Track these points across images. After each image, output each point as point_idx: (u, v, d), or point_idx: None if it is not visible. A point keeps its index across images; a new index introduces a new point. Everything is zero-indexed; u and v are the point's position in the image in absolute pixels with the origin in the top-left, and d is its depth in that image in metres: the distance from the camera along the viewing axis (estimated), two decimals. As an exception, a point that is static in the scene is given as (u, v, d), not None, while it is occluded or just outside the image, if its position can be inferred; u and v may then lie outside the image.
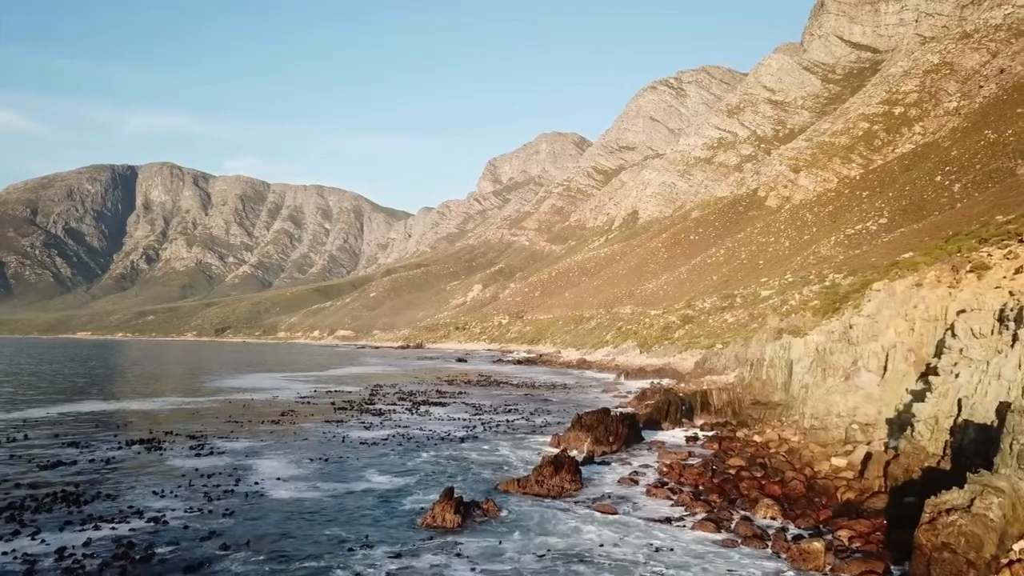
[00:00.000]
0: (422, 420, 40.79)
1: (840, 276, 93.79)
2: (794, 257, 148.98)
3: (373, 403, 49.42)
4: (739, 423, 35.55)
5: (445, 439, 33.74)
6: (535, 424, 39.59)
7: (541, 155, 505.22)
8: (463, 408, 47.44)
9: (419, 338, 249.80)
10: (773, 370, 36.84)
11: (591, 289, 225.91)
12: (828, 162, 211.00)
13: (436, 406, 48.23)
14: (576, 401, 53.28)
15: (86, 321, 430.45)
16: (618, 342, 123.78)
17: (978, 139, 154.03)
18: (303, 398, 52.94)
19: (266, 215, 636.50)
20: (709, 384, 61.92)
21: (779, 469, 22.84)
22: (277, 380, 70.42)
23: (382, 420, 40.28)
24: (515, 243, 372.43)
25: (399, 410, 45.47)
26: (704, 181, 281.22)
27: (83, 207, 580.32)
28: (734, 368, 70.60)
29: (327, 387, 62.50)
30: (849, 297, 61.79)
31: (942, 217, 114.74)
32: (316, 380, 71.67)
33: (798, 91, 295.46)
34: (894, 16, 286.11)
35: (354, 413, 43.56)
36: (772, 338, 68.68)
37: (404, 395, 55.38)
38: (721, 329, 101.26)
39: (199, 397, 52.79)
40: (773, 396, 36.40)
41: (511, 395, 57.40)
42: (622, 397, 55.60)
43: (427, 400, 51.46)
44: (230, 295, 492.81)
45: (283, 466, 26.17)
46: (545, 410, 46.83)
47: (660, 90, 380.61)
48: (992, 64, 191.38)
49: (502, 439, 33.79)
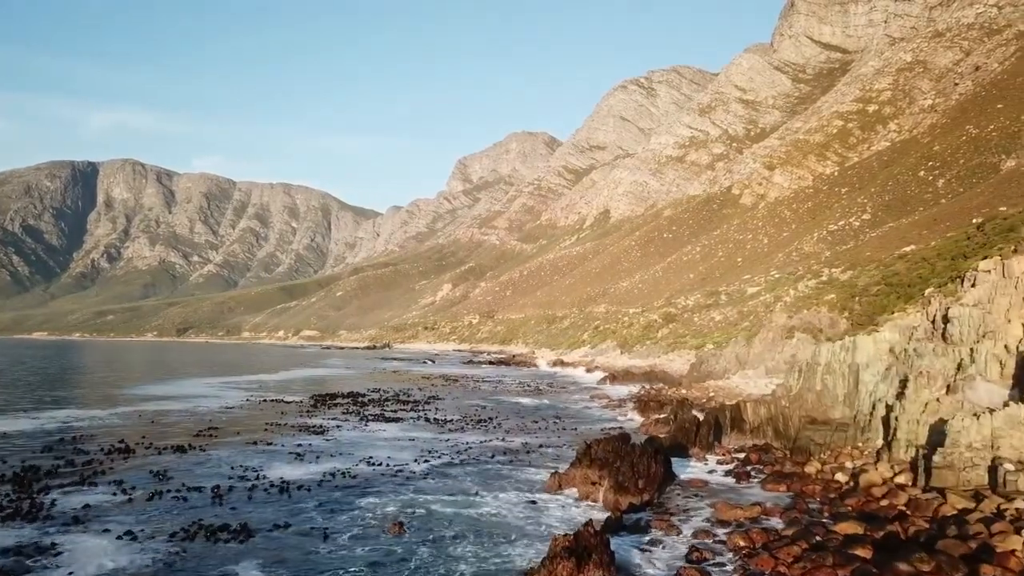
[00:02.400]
0: (373, 442, 30.87)
1: (837, 270, 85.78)
2: (775, 254, 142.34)
3: (315, 417, 39.33)
4: (793, 448, 26.21)
5: (399, 475, 23.91)
6: (518, 449, 29.88)
7: (511, 155, 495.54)
8: (426, 424, 37.59)
9: (386, 338, 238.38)
10: (831, 378, 27.63)
11: (563, 288, 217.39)
12: (803, 160, 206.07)
13: (393, 422, 38.30)
14: (561, 411, 43.76)
15: (42, 321, 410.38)
16: (596, 342, 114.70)
17: (960, 134, 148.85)
18: (232, 409, 42.61)
19: (232, 213, 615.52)
20: (715, 390, 52.73)
21: (949, 555, 13.37)
22: (212, 386, 59.57)
23: (321, 443, 30.26)
24: (485, 242, 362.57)
25: (346, 427, 35.43)
26: (676, 180, 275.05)
27: (42, 204, 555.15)
28: (735, 370, 61.53)
29: (268, 395, 52.05)
30: (869, 289, 53.24)
31: (938, 210, 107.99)
32: (259, 386, 61.02)
33: (769, 90, 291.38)
34: (863, 17, 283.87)
35: (289, 431, 33.52)
36: (782, 336, 59.90)
37: (356, 405, 45.29)
38: (708, 328, 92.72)
39: (104, 410, 42.05)
40: (832, 412, 27.20)
41: (484, 404, 47.59)
42: (616, 407, 46.18)
43: (383, 413, 41.39)
44: (194, 295, 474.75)
45: (110, 556, 15.40)
46: (527, 426, 37.14)
47: (631, 90, 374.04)
48: (966, 62, 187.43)
49: (477, 476, 24.07)
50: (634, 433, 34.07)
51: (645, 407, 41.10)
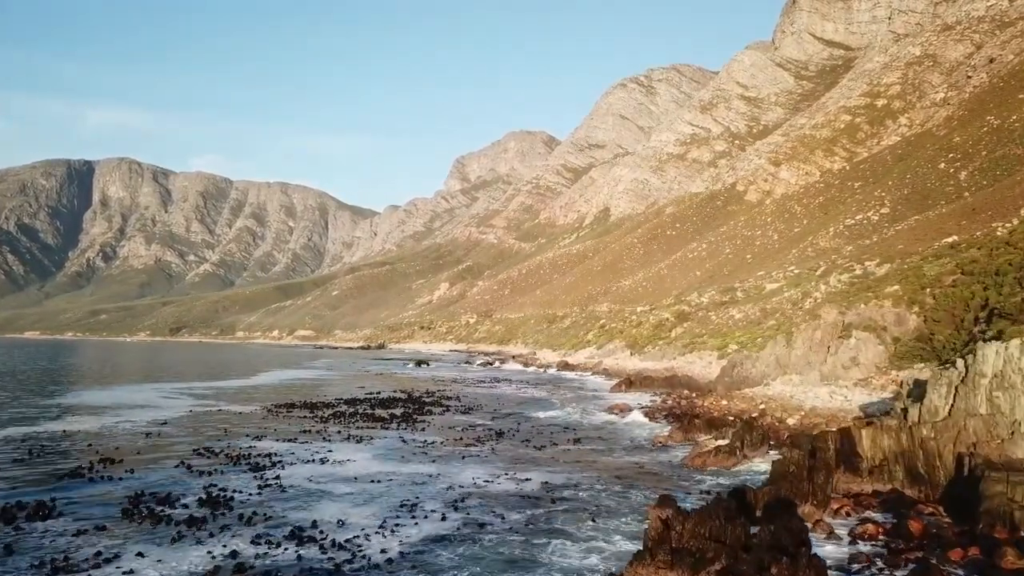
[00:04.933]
0: (327, 484, 21.18)
1: (872, 264, 76.39)
2: (788, 250, 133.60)
3: (264, 436, 29.63)
4: (979, 512, 16.72)
5: (349, 571, 14.12)
6: (537, 496, 20.18)
7: (509, 154, 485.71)
8: (408, 448, 27.93)
9: (381, 338, 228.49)
10: (1007, 396, 18.23)
11: (564, 287, 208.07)
12: (810, 155, 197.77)
13: (365, 443, 28.67)
14: (578, 427, 34.12)
15: (35, 320, 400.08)
16: (602, 342, 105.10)
17: (980, 125, 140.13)
18: (162, 426, 32.89)
19: (228, 212, 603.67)
20: (763, 401, 42.95)
21: None
22: (164, 393, 49.74)
23: (249, 488, 20.57)
24: (483, 241, 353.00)
25: (299, 455, 25.67)
26: (678, 177, 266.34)
27: (37, 203, 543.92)
28: (775, 375, 51.70)
29: (221, 404, 42.26)
30: (942, 280, 43.84)
31: (974, 200, 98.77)
32: (217, 393, 51.24)
33: (771, 87, 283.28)
34: (867, 13, 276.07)
35: (216, 462, 23.85)
36: (833, 335, 50.38)
37: (322, 421, 35.56)
38: (728, 327, 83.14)
39: (2, 428, 32.32)
40: (1015, 448, 17.77)
41: (482, 418, 37.85)
42: (648, 419, 36.59)
43: (353, 433, 31.64)
44: (190, 294, 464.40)
45: None
46: (541, 452, 27.48)
47: (630, 88, 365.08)
48: (979, 55, 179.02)
49: (483, 567, 14.34)
50: (682, 469, 24.50)
51: (688, 426, 31.43)
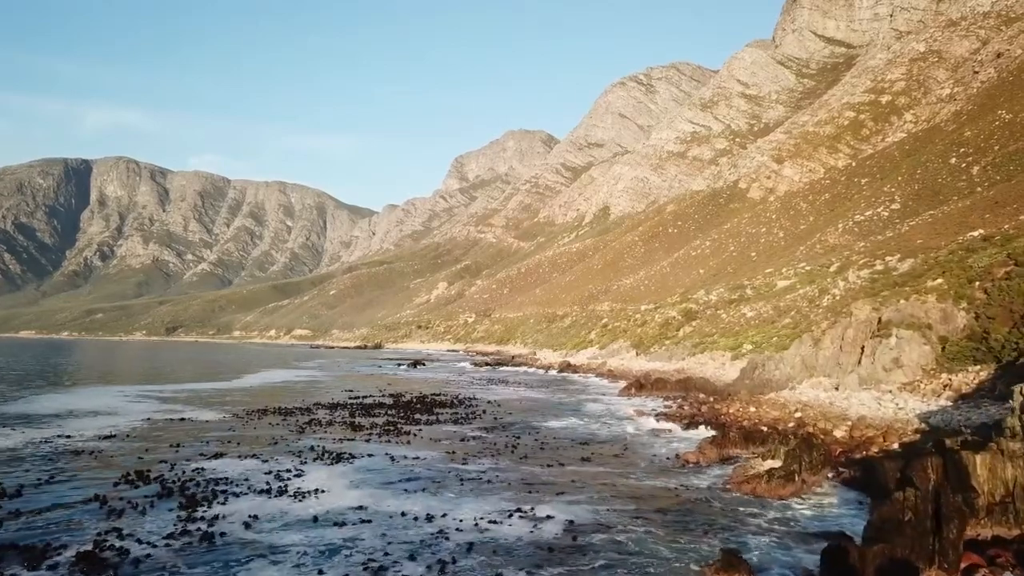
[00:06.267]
0: (278, 536, 16.05)
1: (894, 259, 71.68)
2: (795, 247, 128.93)
3: (225, 453, 24.82)
4: None
5: None
6: (561, 545, 15.09)
7: (508, 153, 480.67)
8: (389, 473, 23.05)
9: (378, 337, 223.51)
10: None
11: (563, 285, 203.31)
12: (814, 152, 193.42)
13: (339, 464, 23.83)
14: (592, 440, 29.38)
15: (31, 319, 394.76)
16: (606, 342, 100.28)
17: (992, 120, 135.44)
18: (108, 440, 27.99)
19: (226, 212, 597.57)
20: (799, 409, 38.01)
21: None
22: (127, 397, 44.74)
23: (164, 545, 15.72)
24: (482, 240, 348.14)
25: (252, 484, 20.35)
26: (678, 175, 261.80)
27: (34, 202, 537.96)
28: (801, 378, 46.75)
29: (187, 411, 37.31)
30: (992, 272, 39.40)
31: (996, 193, 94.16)
32: (188, 397, 46.28)
33: (772, 85, 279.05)
34: (868, 11, 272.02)
35: (136, 500, 18.86)
36: (869, 334, 45.66)
37: (296, 431, 30.65)
38: (739, 326, 78.28)
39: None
40: None
41: (479, 434, 32.75)
42: (661, 430, 31.80)
43: (328, 450, 26.69)
44: (187, 293, 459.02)
45: None
46: (554, 474, 22.66)
47: (629, 86, 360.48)
48: (985, 50, 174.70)
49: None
50: (727, 496, 19.69)
51: (722, 440, 26.58)
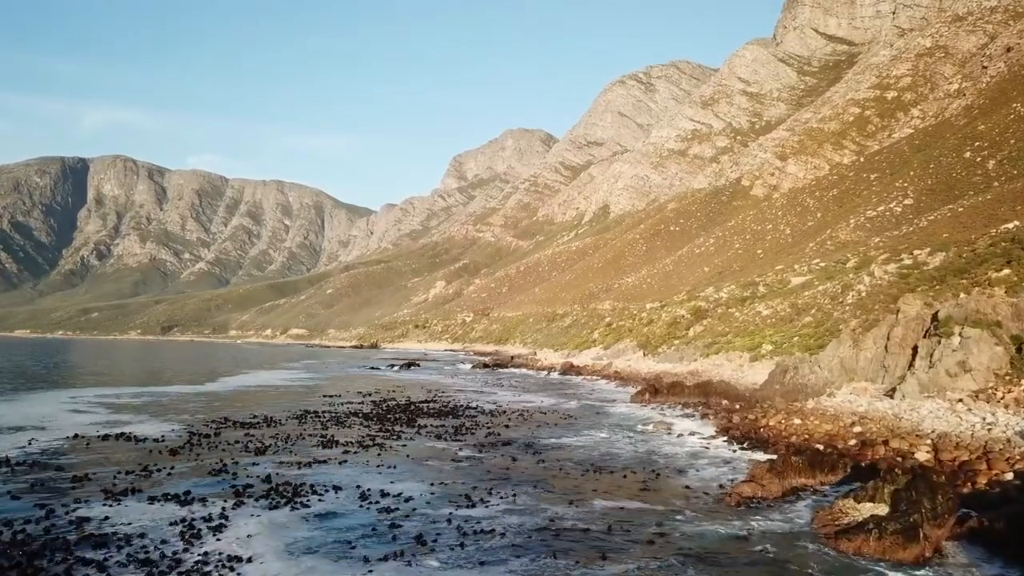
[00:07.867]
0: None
1: (923, 253, 66.69)
2: (803, 244, 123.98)
3: (132, 493, 18.95)
4: None
5: None
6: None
7: (507, 152, 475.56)
8: (341, 541, 15.70)
9: (375, 337, 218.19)
10: None
11: (563, 284, 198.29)
12: (818, 149, 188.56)
13: (293, 509, 18.50)
14: (624, 481, 24.25)
15: (25, 319, 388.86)
16: (610, 342, 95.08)
17: (1007, 113, 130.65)
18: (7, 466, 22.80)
19: (224, 211, 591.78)
20: (857, 422, 32.62)
21: None
22: (74, 404, 39.32)
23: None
24: (480, 239, 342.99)
25: (127, 559, 13.50)
26: (679, 173, 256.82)
27: (31, 200, 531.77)
28: (840, 383, 41.28)
29: (129, 424, 31.77)
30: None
31: (1022, 185, 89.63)
32: (143, 404, 40.90)
33: (773, 83, 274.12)
34: (870, 8, 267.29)
35: None
36: (921, 333, 40.42)
37: (245, 455, 25.11)
38: (755, 324, 73.01)
39: None
40: None
41: (476, 454, 27.33)
42: (712, 448, 26.67)
43: (279, 481, 21.08)
44: (184, 292, 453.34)
45: None
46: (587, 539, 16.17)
47: (629, 84, 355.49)
48: (994, 45, 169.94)
49: None
50: (817, 549, 14.46)
51: (783, 467, 21.20)
